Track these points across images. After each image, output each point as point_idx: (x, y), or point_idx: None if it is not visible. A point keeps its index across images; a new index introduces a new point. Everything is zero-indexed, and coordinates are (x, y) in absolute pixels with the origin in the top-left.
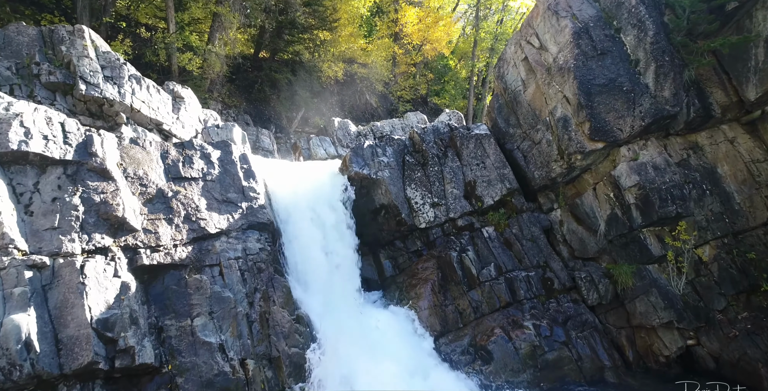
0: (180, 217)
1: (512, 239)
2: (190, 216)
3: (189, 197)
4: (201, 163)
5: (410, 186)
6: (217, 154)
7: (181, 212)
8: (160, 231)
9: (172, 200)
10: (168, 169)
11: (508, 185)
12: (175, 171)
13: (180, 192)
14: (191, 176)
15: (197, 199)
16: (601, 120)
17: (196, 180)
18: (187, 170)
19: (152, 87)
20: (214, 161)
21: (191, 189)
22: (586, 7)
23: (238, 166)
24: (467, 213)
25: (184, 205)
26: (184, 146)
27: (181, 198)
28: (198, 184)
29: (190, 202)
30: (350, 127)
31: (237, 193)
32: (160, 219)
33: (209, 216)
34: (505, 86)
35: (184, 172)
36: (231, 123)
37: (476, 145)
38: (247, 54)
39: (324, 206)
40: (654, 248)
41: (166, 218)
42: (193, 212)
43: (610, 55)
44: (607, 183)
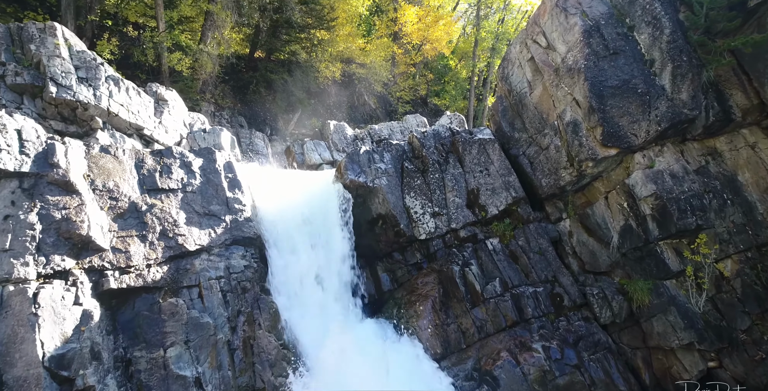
0: (155, 233)
1: (518, 252)
2: (167, 232)
3: (166, 211)
4: (181, 172)
5: (409, 194)
6: (199, 162)
7: (157, 227)
8: (132, 250)
9: (146, 215)
10: (143, 180)
11: (513, 194)
12: (151, 182)
13: (156, 205)
14: (169, 187)
15: (175, 212)
16: (614, 125)
17: (175, 192)
18: (165, 181)
19: (132, 89)
20: (195, 170)
21: (169, 202)
22: (596, 3)
23: (222, 175)
24: (470, 223)
25: (161, 219)
26: (162, 154)
27: (157, 212)
28: (177, 196)
29: (167, 216)
30: (346, 130)
31: (220, 206)
32: (132, 236)
33: (188, 231)
34: (509, 88)
35: (161, 183)
36: (219, 127)
37: (479, 150)
38: (242, 54)
39: (317, 217)
40: (672, 262)
41: (139, 235)
42: (170, 228)
43: (623, 55)
44: (621, 192)
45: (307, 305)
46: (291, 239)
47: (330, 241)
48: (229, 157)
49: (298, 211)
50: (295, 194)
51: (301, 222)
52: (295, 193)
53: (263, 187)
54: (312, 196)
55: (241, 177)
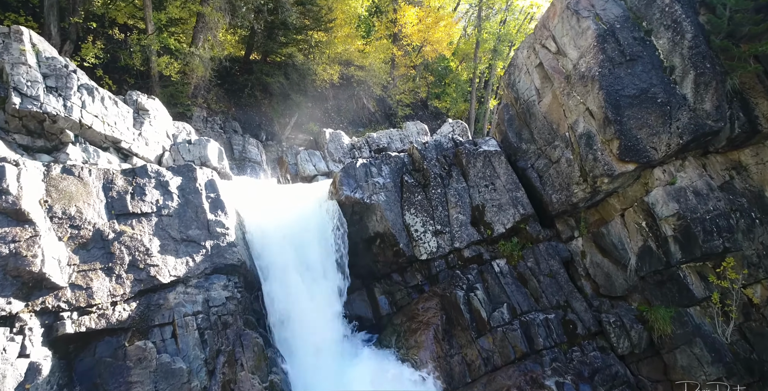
0: (123, 265)
1: (527, 274)
2: (137, 262)
3: (137, 238)
4: (156, 193)
5: (409, 211)
6: (177, 181)
7: (125, 257)
8: (95, 286)
9: (113, 244)
10: (111, 203)
11: (521, 211)
12: (121, 205)
13: (125, 232)
14: (142, 211)
15: (148, 240)
16: (632, 137)
17: (149, 216)
18: (137, 204)
19: (109, 98)
20: (173, 191)
21: (141, 227)
22: (610, 5)
23: (204, 195)
24: (475, 242)
25: (130, 248)
26: (135, 174)
27: (126, 240)
28: (150, 220)
29: (138, 244)
30: (343, 138)
31: (200, 230)
32: (96, 270)
33: (163, 261)
34: (516, 95)
35: (132, 207)
36: (205, 138)
37: (485, 163)
38: (237, 56)
39: (311, 239)
40: (696, 288)
41: (104, 268)
42: (141, 257)
43: (641, 62)
44: (639, 210)
45: (298, 338)
46: (280, 266)
47: (323, 268)
48: (212, 174)
49: (288, 233)
50: (286, 213)
51: (290, 246)
52: (285, 211)
53: (251, 205)
54: (304, 216)
55: (224, 196)
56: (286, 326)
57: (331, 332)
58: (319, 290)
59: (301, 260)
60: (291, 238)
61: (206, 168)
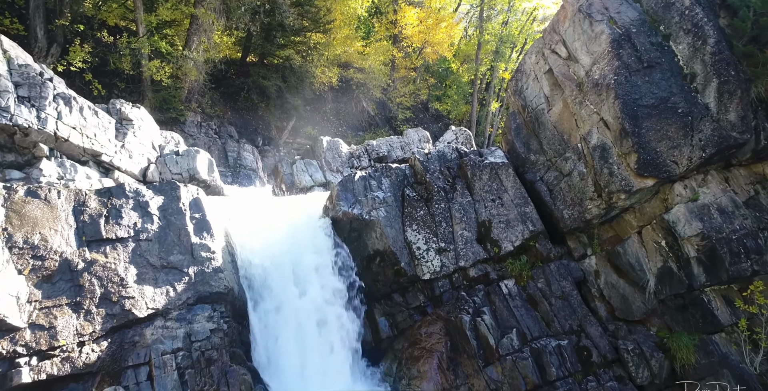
0: (93, 298)
1: (538, 296)
2: (110, 295)
3: (111, 267)
4: (134, 216)
5: (411, 227)
6: (158, 201)
7: (96, 290)
8: (59, 324)
9: (83, 275)
10: (83, 228)
11: (531, 227)
12: (94, 231)
13: (97, 261)
14: (117, 237)
15: (123, 268)
16: (652, 151)
17: (125, 241)
18: (113, 228)
19: (88, 108)
20: (153, 212)
21: (116, 255)
22: (625, 8)
23: (188, 216)
24: (481, 261)
25: (102, 279)
26: (111, 194)
27: (98, 270)
28: (127, 246)
29: (112, 274)
30: (341, 147)
31: (183, 255)
32: (61, 306)
33: (139, 292)
34: (524, 103)
35: (106, 232)
36: (194, 149)
37: (491, 176)
38: (233, 58)
39: (306, 259)
40: (721, 313)
41: (72, 303)
42: (115, 289)
43: (659, 68)
44: (658, 228)
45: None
46: (272, 287)
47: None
48: (197, 192)
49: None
50: (280, 231)
51: (285, 268)
52: (279, 229)
53: (242, 222)
54: (300, 229)
55: (211, 216)
56: (276, 364)
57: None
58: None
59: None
60: (285, 257)
61: (191, 185)
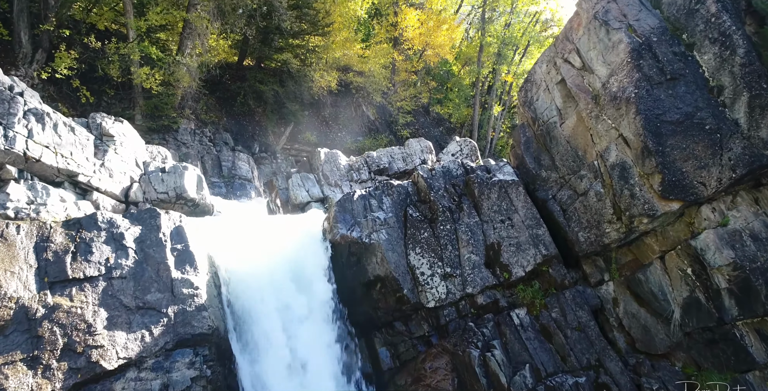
0: (55, 351)
1: (552, 327)
2: (74, 345)
3: (77, 313)
4: (106, 250)
5: (414, 250)
6: (134, 232)
7: (58, 341)
8: (11, 385)
9: (42, 324)
10: (45, 268)
11: (543, 251)
12: (58, 270)
13: (61, 306)
14: (86, 275)
15: (92, 313)
16: (677, 171)
17: (94, 280)
18: (80, 266)
19: (64, 125)
20: (129, 245)
21: (83, 297)
22: (645, 15)
23: (168, 247)
24: (490, 287)
25: (66, 327)
26: (81, 226)
27: (61, 317)
28: (97, 286)
29: (78, 320)
30: (339, 159)
31: (162, 293)
32: (14, 362)
33: (110, 339)
34: (534, 115)
35: (73, 271)
36: (182, 165)
37: (500, 195)
38: (230, 62)
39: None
40: (756, 350)
41: (27, 358)
42: (80, 338)
43: (683, 81)
44: (683, 255)
45: None
46: (262, 324)
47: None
48: (180, 219)
49: (273, 286)
50: (272, 256)
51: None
52: (272, 253)
53: (231, 245)
54: (295, 255)
55: (195, 246)
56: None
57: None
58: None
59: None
60: (278, 287)
61: (173, 212)
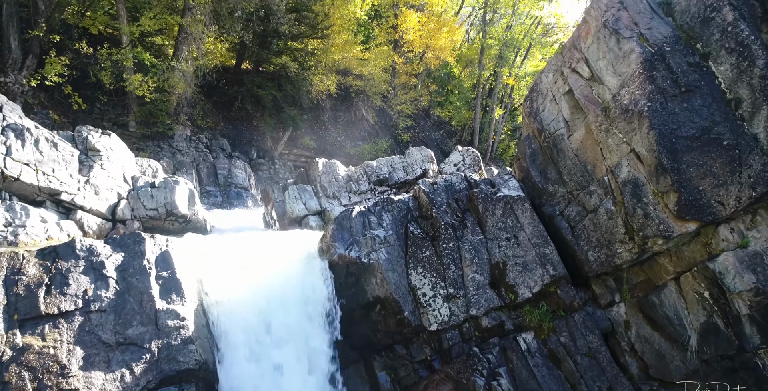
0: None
1: (561, 353)
2: (45, 390)
3: (49, 353)
4: (84, 281)
5: (416, 270)
6: (116, 259)
7: (27, 386)
8: None
9: (9, 368)
10: (15, 304)
11: (551, 271)
12: (30, 306)
13: (31, 347)
14: (61, 311)
15: (66, 352)
16: (693, 190)
17: (70, 316)
18: (55, 300)
19: (46, 140)
20: (109, 274)
21: (57, 335)
22: (657, 24)
23: (153, 275)
24: (495, 308)
25: (36, 370)
26: (57, 254)
27: (32, 359)
28: (73, 322)
29: (50, 362)
30: (338, 169)
31: (145, 326)
32: None
33: (86, 381)
34: (540, 127)
35: (47, 306)
36: (173, 179)
37: (505, 211)
38: (227, 65)
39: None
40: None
41: None
42: (53, 381)
43: (699, 93)
44: (700, 277)
45: None
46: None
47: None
48: (166, 244)
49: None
50: (265, 278)
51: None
52: (265, 275)
53: (221, 267)
54: (289, 276)
55: (182, 272)
56: None
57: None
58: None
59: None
60: (269, 312)
61: (159, 236)
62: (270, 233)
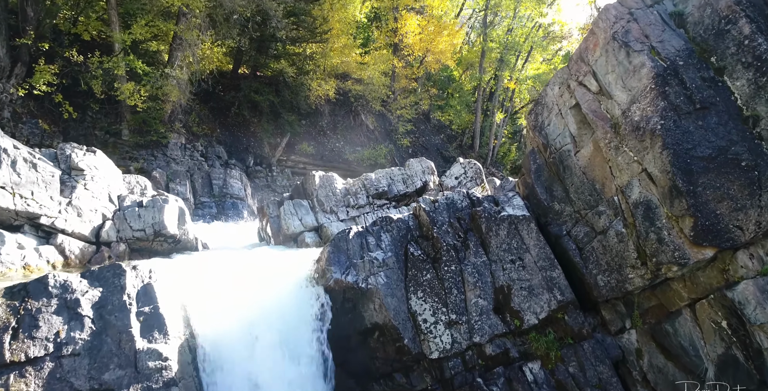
0: None
1: (569, 385)
2: None
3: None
4: (56, 322)
5: (416, 294)
6: (93, 295)
7: None
8: None
9: None
10: None
11: (558, 296)
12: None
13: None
14: (29, 357)
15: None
16: (710, 214)
17: (40, 362)
18: (23, 346)
19: (24, 162)
20: (85, 313)
21: (23, 385)
22: (669, 36)
23: (133, 311)
24: (500, 335)
25: None
26: (28, 293)
27: None
28: (42, 369)
29: None
30: (335, 183)
31: (123, 369)
32: None
33: None
34: (545, 141)
35: (12, 353)
36: (164, 196)
37: (510, 231)
38: (224, 70)
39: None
40: None
41: None
42: None
43: (715, 110)
44: (717, 306)
45: None
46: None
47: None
48: (149, 275)
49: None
50: (258, 305)
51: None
52: (257, 301)
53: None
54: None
55: (166, 306)
56: None
57: None
58: None
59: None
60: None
61: (142, 266)
62: (264, 253)
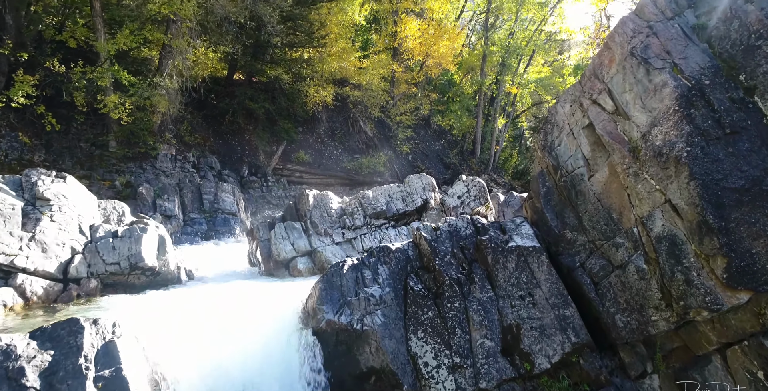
0: None
1: None
2: None
3: None
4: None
5: (416, 334)
6: (42, 361)
7: None
8: None
9: None
10: None
11: (573, 338)
12: None
13: None
14: None
15: None
16: (745, 253)
17: None
18: None
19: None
20: (29, 384)
21: None
22: (693, 52)
23: (90, 377)
24: (508, 380)
25: None
26: None
27: None
28: None
29: None
30: (330, 202)
31: None
32: None
33: None
34: (555, 163)
35: None
36: (141, 224)
37: (518, 264)
38: (219, 76)
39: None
40: None
41: None
42: None
43: (746, 135)
44: (752, 353)
45: None
46: None
47: None
48: (113, 330)
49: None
50: (236, 358)
51: None
52: (236, 352)
53: (183, 346)
54: (267, 352)
55: (130, 368)
56: None
57: None
58: None
59: None
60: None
61: (104, 321)
62: (250, 287)
